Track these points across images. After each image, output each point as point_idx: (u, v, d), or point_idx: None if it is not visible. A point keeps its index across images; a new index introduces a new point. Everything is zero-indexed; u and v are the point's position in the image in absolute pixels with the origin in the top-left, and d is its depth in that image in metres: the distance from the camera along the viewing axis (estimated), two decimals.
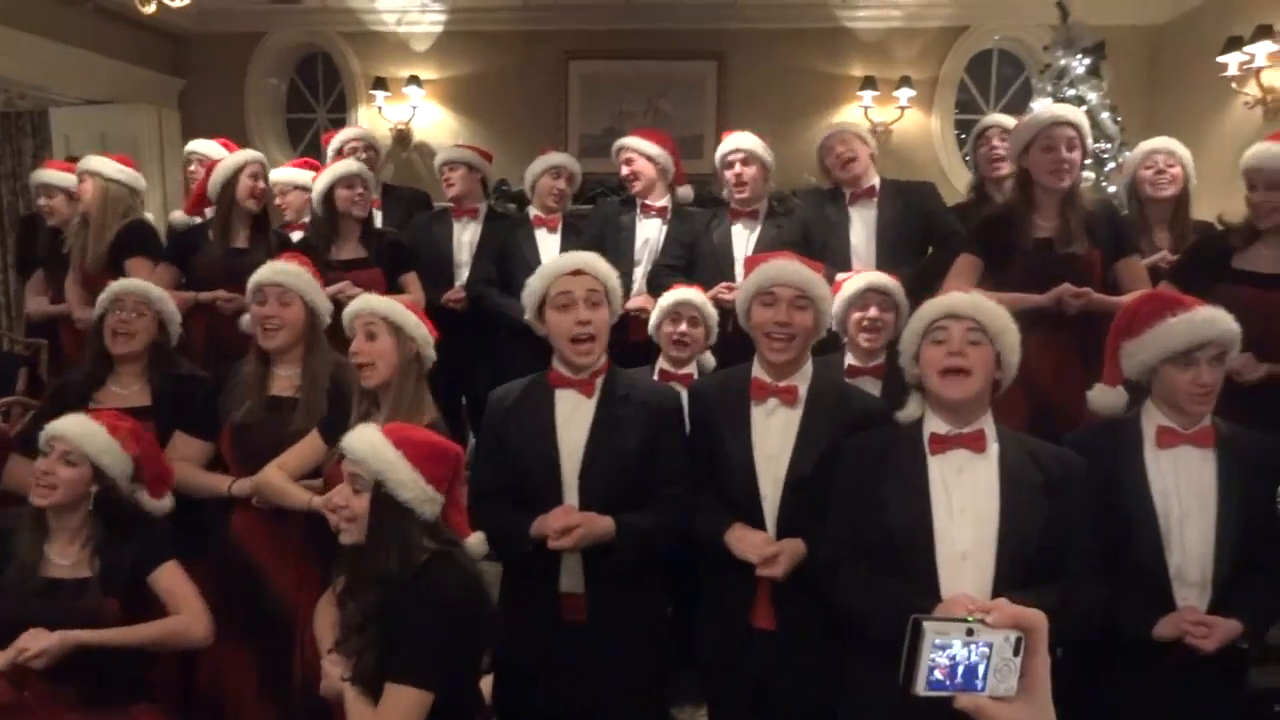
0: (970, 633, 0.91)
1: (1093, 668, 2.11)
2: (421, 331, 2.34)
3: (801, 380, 2.21)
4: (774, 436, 2.18)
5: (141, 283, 2.75)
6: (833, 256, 3.27)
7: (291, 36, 6.90)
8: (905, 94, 6.28)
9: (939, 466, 1.95)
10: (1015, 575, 1.86)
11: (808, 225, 3.52)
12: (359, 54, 6.81)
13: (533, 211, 3.96)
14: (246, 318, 2.67)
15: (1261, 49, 4.67)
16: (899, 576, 1.91)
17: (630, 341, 3.35)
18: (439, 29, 6.69)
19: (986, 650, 0.91)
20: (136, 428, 2.28)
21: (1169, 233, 3.33)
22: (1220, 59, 4.95)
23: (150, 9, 4.42)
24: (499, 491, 2.23)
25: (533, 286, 2.24)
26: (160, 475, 2.33)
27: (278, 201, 4.45)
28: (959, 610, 1.76)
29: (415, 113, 6.64)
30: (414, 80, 6.53)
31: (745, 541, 2.11)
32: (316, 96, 7.20)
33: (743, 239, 3.62)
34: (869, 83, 6.29)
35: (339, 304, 2.60)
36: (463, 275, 3.98)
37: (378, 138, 4.37)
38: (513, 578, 2.31)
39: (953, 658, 0.91)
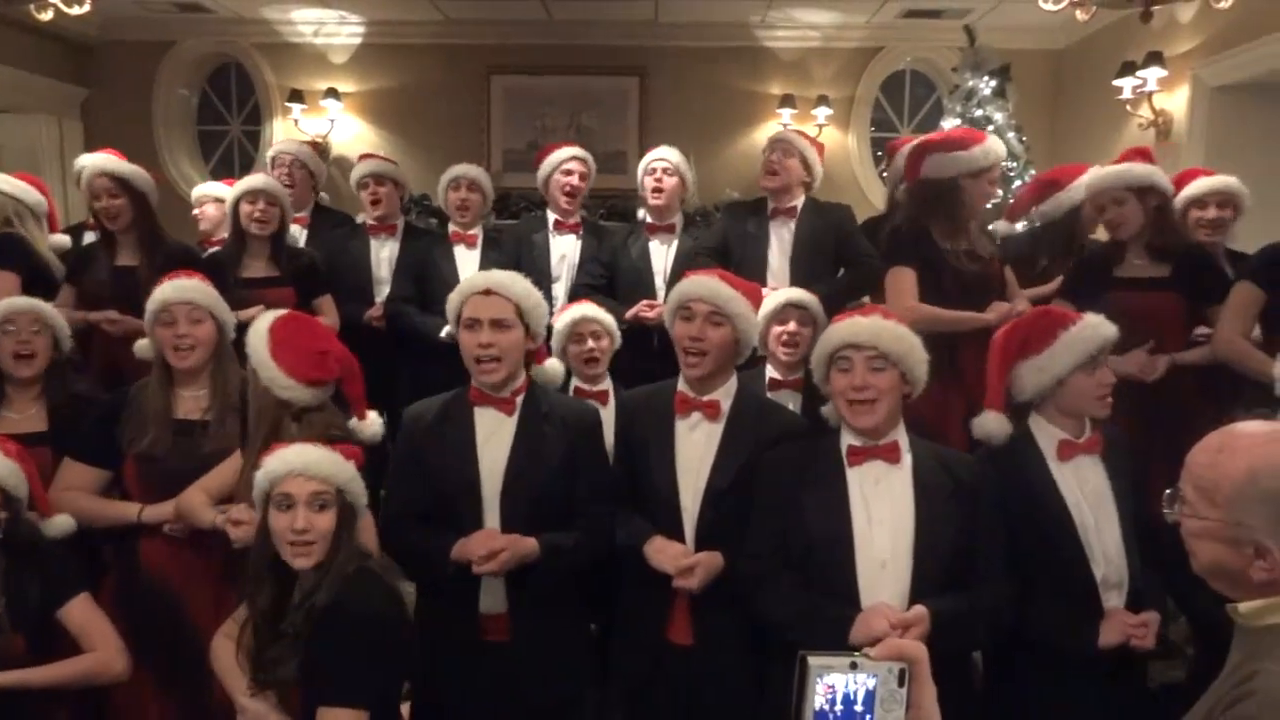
0: (854, 666, 0.94)
1: (1002, 670, 2.17)
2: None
3: (725, 395, 2.22)
4: (696, 450, 2.19)
5: (32, 301, 2.61)
6: (749, 271, 3.32)
7: (202, 46, 6.71)
8: (823, 112, 6.43)
9: (857, 478, 1.99)
10: (932, 581, 1.90)
11: (726, 238, 3.56)
12: (274, 65, 6.66)
13: (451, 227, 3.92)
14: (144, 343, 2.52)
15: (1152, 74, 4.93)
16: (820, 586, 1.94)
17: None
18: (357, 41, 6.59)
19: (871, 682, 0.94)
20: (21, 451, 2.17)
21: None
22: (1115, 83, 5.21)
23: (47, 16, 4.25)
24: (416, 512, 2.19)
25: (451, 303, 2.22)
26: (39, 507, 2.21)
27: (195, 212, 4.33)
28: (878, 620, 1.81)
29: (333, 126, 6.52)
30: (332, 93, 6.41)
31: (663, 553, 2.12)
32: (229, 108, 7.01)
33: (661, 254, 3.67)
34: (788, 101, 6.42)
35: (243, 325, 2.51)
36: (383, 293, 3.91)
37: (311, 156, 4.22)
38: (430, 599, 2.27)
39: (838, 691, 0.94)
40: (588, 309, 2.93)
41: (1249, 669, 1.12)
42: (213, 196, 4.07)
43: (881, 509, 1.96)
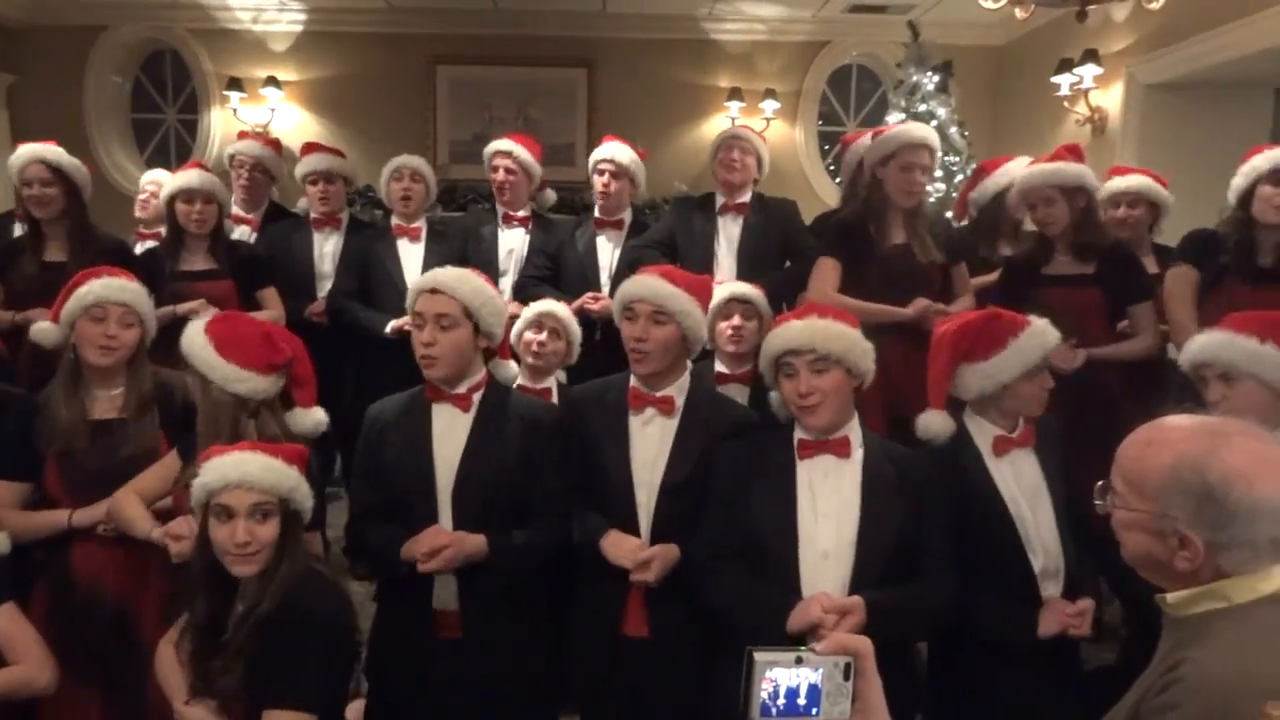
0: (799, 661, 0.95)
1: (945, 658, 2.22)
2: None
3: (678, 391, 2.23)
4: (650, 445, 2.21)
5: None
6: (697, 266, 3.33)
7: (135, 32, 6.51)
8: (770, 105, 6.47)
9: (807, 470, 2.02)
10: (873, 573, 1.94)
11: (674, 232, 3.57)
12: (211, 53, 6.49)
13: (394, 220, 3.86)
14: (45, 326, 2.40)
15: (1088, 71, 5.05)
16: (764, 575, 1.98)
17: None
18: (298, 29, 6.45)
19: (817, 677, 0.95)
20: None
21: (1011, 244, 3.56)
22: (1053, 79, 5.32)
23: None
24: (375, 509, 2.19)
25: (408, 301, 2.21)
26: None
27: (142, 198, 4.19)
28: (814, 606, 1.84)
29: (274, 115, 6.37)
30: (272, 81, 6.27)
31: (619, 547, 2.13)
32: (165, 96, 6.81)
33: (608, 249, 3.67)
34: (735, 94, 6.45)
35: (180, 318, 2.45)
36: (325, 287, 3.84)
37: (272, 158, 4.10)
38: (387, 595, 2.27)
39: (783, 685, 0.95)
40: (560, 309, 2.91)
41: (1175, 658, 1.16)
42: (160, 184, 3.94)
43: (828, 501, 1.99)
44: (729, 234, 3.52)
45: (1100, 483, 1.32)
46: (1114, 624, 3.02)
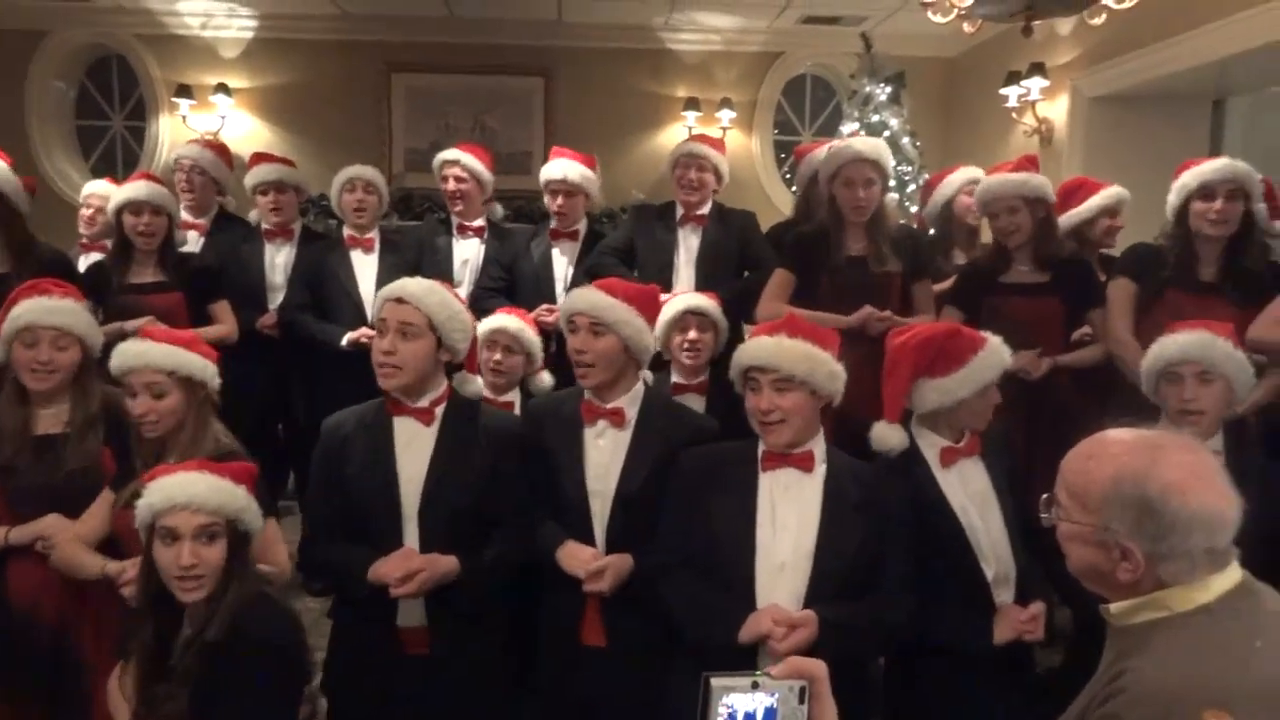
0: (755, 685, 0.96)
1: (901, 666, 2.25)
2: (210, 369, 2.18)
3: (630, 402, 2.24)
4: (604, 457, 2.21)
5: None
6: (656, 277, 3.34)
7: (80, 36, 6.37)
8: (727, 115, 6.51)
9: (768, 482, 2.03)
10: (829, 587, 1.95)
11: (633, 241, 3.58)
12: (159, 59, 6.37)
13: (346, 231, 3.81)
14: None
15: (1035, 84, 5.17)
16: (719, 584, 1.98)
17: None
18: (249, 35, 6.36)
19: (772, 701, 0.96)
20: None
21: (967, 253, 3.63)
22: (1002, 91, 5.44)
23: None
24: (334, 525, 2.15)
25: (373, 308, 2.20)
26: None
27: (87, 214, 4.09)
28: (765, 619, 1.85)
29: (224, 122, 6.27)
30: (222, 88, 6.17)
31: (574, 558, 2.14)
32: (111, 103, 6.67)
33: (563, 260, 3.67)
34: (692, 103, 6.48)
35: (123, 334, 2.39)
36: (277, 299, 3.78)
37: (214, 161, 3.98)
38: (344, 611, 2.23)
39: (739, 710, 0.96)
40: (510, 322, 2.88)
41: (1118, 668, 1.19)
42: (103, 198, 3.84)
43: (788, 514, 1.99)
44: (688, 244, 3.54)
45: (1045, 495, 1.35)
46: (1065, 627, 3.08)
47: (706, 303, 2.85)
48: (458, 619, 2.11)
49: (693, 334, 2.80)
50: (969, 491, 2.18)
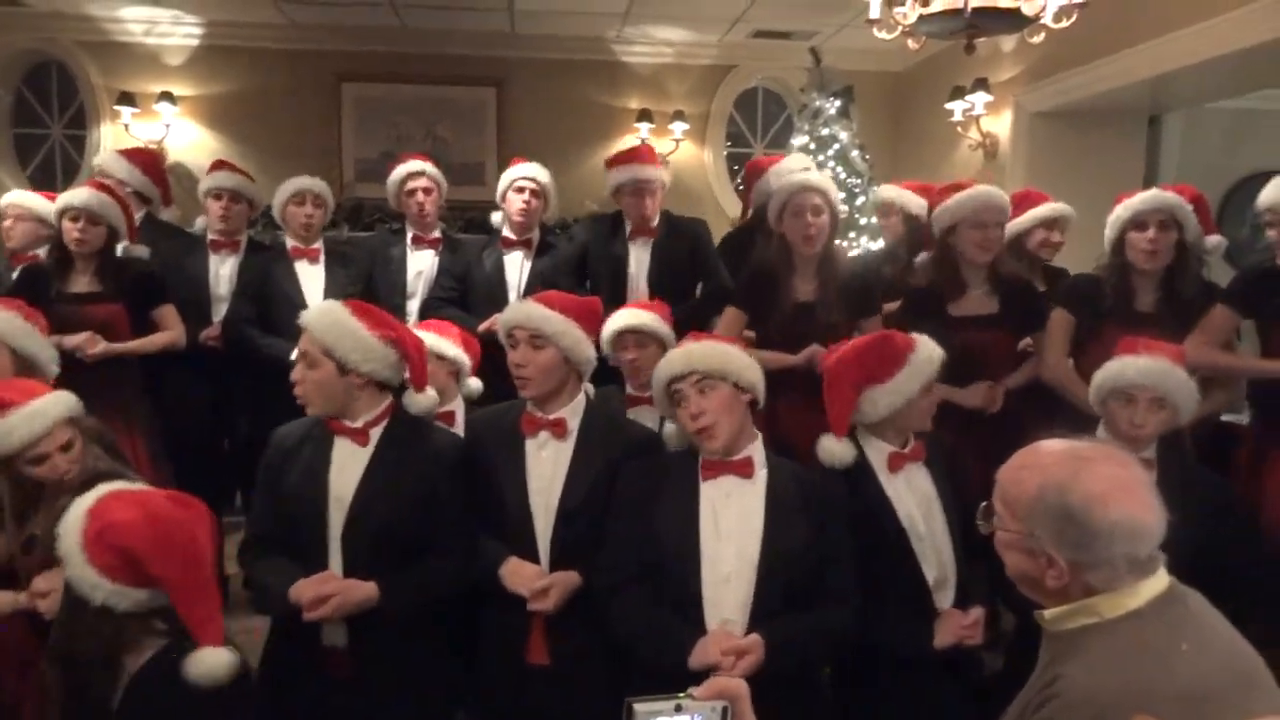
0: (679, 708, 0.99)
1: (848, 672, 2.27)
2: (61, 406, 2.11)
3: (572, 414, 2.23)
4: (545, 469, 2.20)
5: None
6: (611, 291, 3.34)
7: (17, 42, 6.20)
8: (679, 127, 6.56)
9: (710, 491, 2.04)
10: (774, 596, 1.96)
11: (584, 253, 3.58)
12: (101, 66, 6.23)
13: (290, 242, 3.73)
14: None
15: (979, 99, 5.28)
16: (668, 598, 1.98)
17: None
18: (194, 43, 6.25)
19: None
20: None
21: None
22: (947, 106, 5.54)
23: None
24: (270, 538, 2.13)
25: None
26: None
27: (6, 224, 3.97)
28: (712, 648, 1.86)
29: (169, 131, 6.15)
30: (166, 96, 6.05)
31: (518, 575, 2.12)
32: (50, 110, 6.50)
33: (516, 269, 3.65)
34: (645, 115, 6.51)
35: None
36: (222, 310, 3.70)
37: (131, 171, 3.87)
38: (277, 627, 2.19)
39: None
40: (428, 337, 2.81)
41: (1052, 673, 1.22)
42: (21, 208, 3.72)
43: (730, 522, 2.00)
44: (639, 257, 3.55)
45: (984, 504, 1.39)
46: (1009, 631, 3.12)
47: (645, 319, 2.78)
48: (383, 641, 2.08)
49: (630, 353, 2.78)
50: (915, 496, 2.22)
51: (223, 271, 3.76)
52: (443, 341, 2.72)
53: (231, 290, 3.70)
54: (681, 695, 0.99)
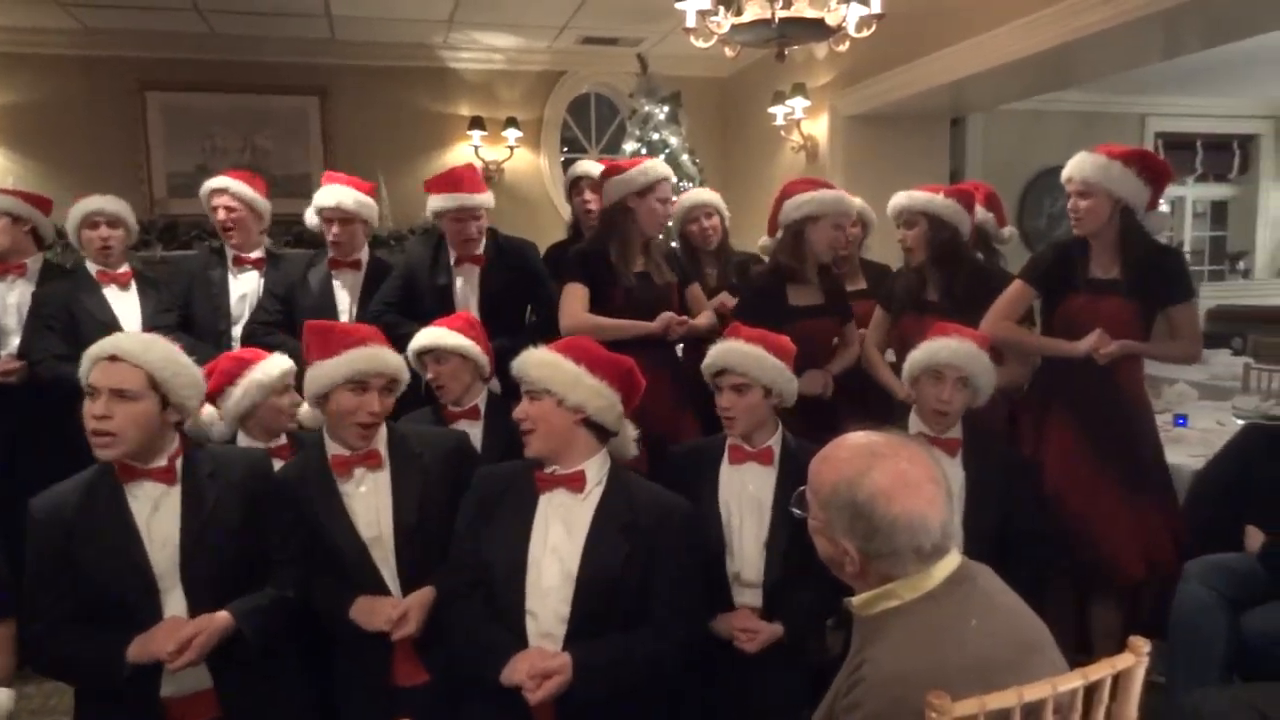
0: None
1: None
2: None
3: (379, 441, 2.23)
4: (368, 500, 2.19)
5: None
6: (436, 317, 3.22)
7: None
8: (513, 134, 6.51)
9: (545, 505, 2.05)
10: (591, 610, 1.97)
11: (413, 274, 3.39)
12: None
13: (94, 267, 3.46)
14: None
15: (798, 103, 5.52)
16: (498, 607, 2.01)
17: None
18: None
19: None
20: None
21: (716, 268, 3.74)
22: (770, 110, 5.76)
23: None
24: (71, 618, 1.91)
25: (81, 369, 1.94)
26: None
27: None
28: (520, 673, 1.86)
29: None
30: None
31: (373, 614, 2.10)
32: None
33: (345, 292, 3.48)
34: (477, 123, 6.43)
35: None
36: (11, 344, 3.38)
37: None
38: (93, 702, 2.00)
39: None
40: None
41: (860, 658, 1.29)
42: None
43: (558, 537, 2.02)
44: (470, 283, 3.37)
45: (799, 490, 1.47)
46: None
47: (447, 340, 2.71)
48: (247, 675, 1.97)
49: (429, 374, 2.75)
50: (743, 492, 2.33)
51: (9, 299, 3.42)
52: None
53: (20, 320, 3.38)
54: None
